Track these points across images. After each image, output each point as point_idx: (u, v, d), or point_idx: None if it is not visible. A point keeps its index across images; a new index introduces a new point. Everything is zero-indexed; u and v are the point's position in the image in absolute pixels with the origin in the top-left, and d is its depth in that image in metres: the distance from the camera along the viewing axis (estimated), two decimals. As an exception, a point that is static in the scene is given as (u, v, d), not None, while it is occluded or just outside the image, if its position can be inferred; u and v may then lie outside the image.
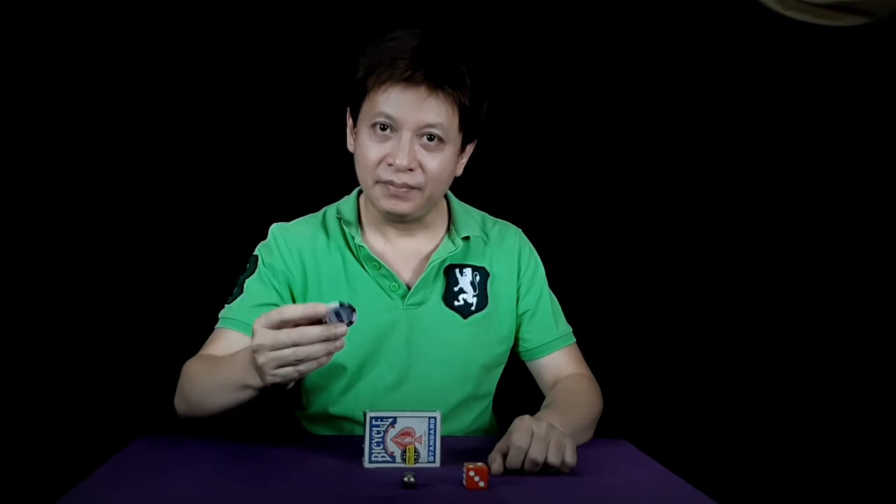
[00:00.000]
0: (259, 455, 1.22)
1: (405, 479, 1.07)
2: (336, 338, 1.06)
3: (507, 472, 1.15)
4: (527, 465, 1.14)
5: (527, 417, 1.19)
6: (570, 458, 1.16)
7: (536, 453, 1.14)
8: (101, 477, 1.11)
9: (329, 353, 1.07)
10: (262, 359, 1.08)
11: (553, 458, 1.14)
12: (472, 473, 1.08)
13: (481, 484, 1.08)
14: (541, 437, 1.15)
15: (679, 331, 2.10)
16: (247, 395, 1.18)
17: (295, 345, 1.06)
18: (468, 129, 1.37)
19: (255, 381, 1.14)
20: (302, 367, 1.08)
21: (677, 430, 1.98)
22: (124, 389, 1.95)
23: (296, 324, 1.07)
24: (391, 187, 1.34)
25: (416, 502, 1.03)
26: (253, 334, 1.09)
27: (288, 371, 1.08)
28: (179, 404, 1.33)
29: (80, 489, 1.05)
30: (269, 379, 1.10)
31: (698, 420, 2.05)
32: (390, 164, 1.32)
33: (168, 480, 1.10)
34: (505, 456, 1.15)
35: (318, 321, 1.06)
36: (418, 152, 1.32)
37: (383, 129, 1.32)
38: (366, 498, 1.03)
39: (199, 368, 1.32)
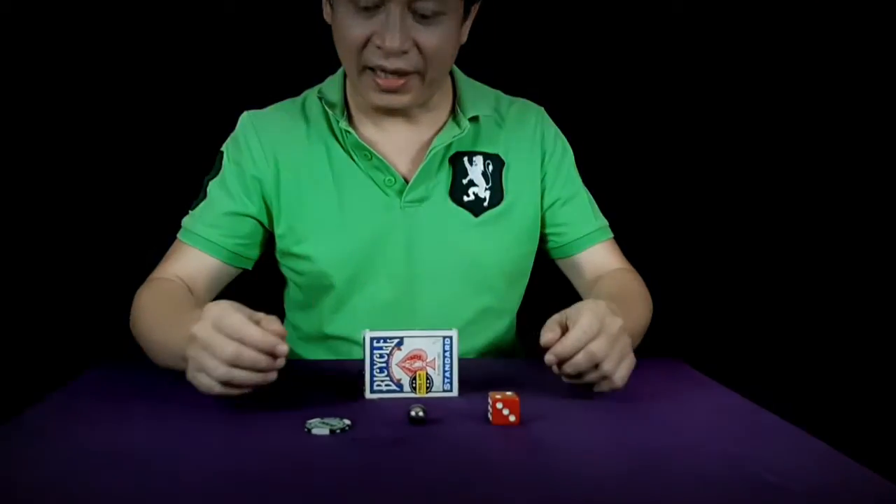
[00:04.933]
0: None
1: (412, 412, 0.85)
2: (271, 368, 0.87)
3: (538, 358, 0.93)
4: (579, 358, 0.91)
5: (601, 302, 0.95)
6: (621, 379, 0.94)
7: (599, 349, 0.91)
8: (51, 404, 0.96)
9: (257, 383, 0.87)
10: (191, 351, 0.88)
11: (609, 366, 0.92)
12: (499, 406, 0.85)
13: (511, 418, 0.85)
14: (612, 335, 0.92)
15: (718, 238, 1.82)
16: (184, 366, 0.92)
17: (230, 362, 0.85)
18: None
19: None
20: (217, 389, 0.87)
21: (729, 348, 1.73)
22: (88, 309, 1.70)
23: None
24: (381, 77, 1.08)
25: (429, 443, 0.80)
26: (203, 313, 0.87)
27: (206, 382, 0.87)
28: (132, 329, 1.13)
29: (26, 417, 0.90)
30: (188, 375, 0.89)
31: (747, 335, 1.80)
32: (378, 47, 1.06)
33: (131, 412, 0.90)
34: (562, 334, 0.93)
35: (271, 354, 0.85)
36: (412, 28, 1.06)
37: (367, 7, 1.05)
38: (364, 440, 0.81)
39: (149, 306, 1.10)
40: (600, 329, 0.91)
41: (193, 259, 1.18)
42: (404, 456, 0.77)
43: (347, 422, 0.84)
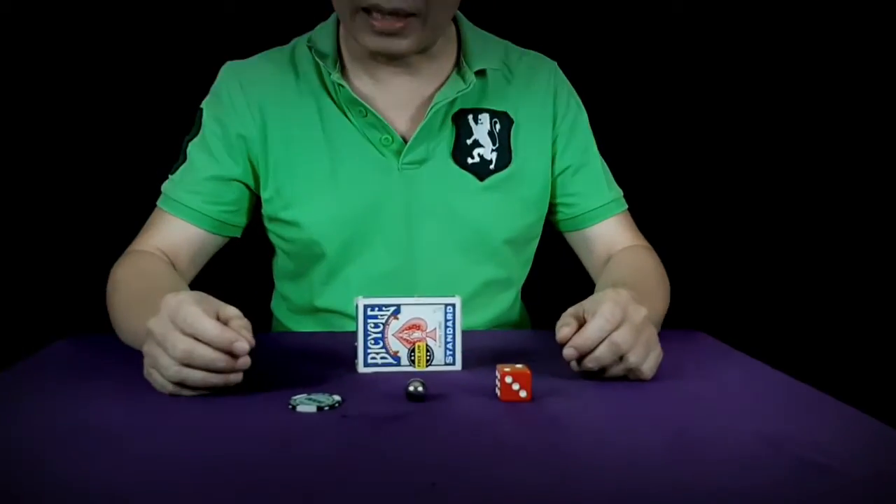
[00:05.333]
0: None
1: (411, 387, 0.75)
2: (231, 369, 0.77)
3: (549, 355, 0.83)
4: (601, 349, 0.81)
5: (622, 291, 0.86)
6: (650, 370, 0.84)
7: (623, 339, 0.81)
8: (15, 374, 0.88)
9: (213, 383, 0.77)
10: (146, 346, 0.80)
11: (635, 359, 0.82)
12: (509, 380, 0.75)
13: (522, 394, 0.76)
14: (635, 325, 0.82)
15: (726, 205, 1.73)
16: None
17: (182, 361, 0.76)
18: None
19: None
20: (170, 389, 0.78)
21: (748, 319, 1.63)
22: (61, 278, 1.59)
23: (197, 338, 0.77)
24: (377, 18, 0.98)
25: (430, 421, 0.71)
26: (161, 305, 0.78)
27: (159, 381, 0.79)
28: (108, 310, 1.03)
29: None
30: (144, 372, 0.81)
31: (765, 304, 1.69)
32: None
33: (101, 385, 0.80)
34: (579, 327, 0.83)
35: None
36: None
37: None
38: (355, 418, 0.71)
39: (122, 286, 1.01)
40: (623, 318, 0.82)
41: (175, 229, 1.08)
42: (401, 435, 0.68)
43: (337, 398, 0.75)
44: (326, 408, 0.73)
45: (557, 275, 1.27)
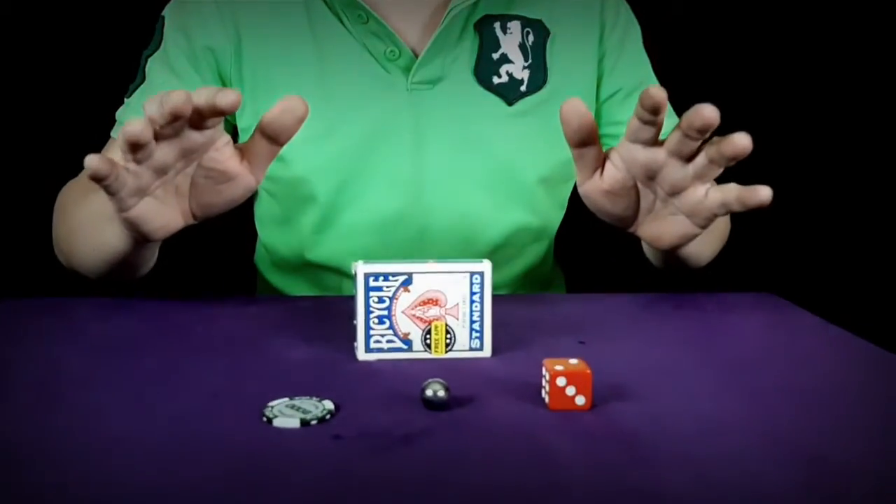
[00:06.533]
0: (177, 335, 0.71)
1: (428, 391, 0.55)
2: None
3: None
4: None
5: None
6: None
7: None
8: None
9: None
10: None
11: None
12: (561, 382, 0.55)
13: (580, 401, 0.56)
14: None
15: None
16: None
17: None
18: None
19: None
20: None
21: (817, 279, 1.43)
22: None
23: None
24: None
25: (454, 444, 0.52)
26: None
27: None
28: (56, 247, 0.87)
29: None
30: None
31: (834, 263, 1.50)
32: None
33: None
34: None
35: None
36: None
37: None
38: (353, 439, 0.52)
39: (73, 190, 0.86)
40: None
41: None
42: (413, 468, 0.48)
43: (329, 405, 0.55)
44: (314, 421, 0.53)
45: (594, 222, 1.07)
